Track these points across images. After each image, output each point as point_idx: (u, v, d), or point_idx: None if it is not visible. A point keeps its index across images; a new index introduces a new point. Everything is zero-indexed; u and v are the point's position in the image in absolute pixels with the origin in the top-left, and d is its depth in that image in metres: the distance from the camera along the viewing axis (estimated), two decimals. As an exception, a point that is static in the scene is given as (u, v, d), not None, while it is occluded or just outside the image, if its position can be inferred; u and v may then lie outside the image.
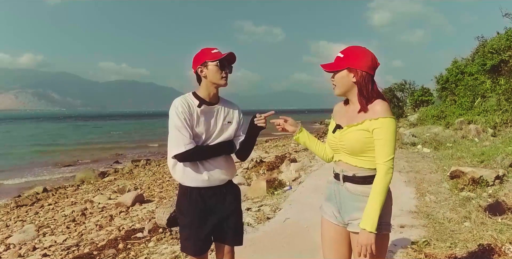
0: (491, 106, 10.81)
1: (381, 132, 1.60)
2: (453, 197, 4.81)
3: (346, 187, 1.74)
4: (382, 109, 1.63)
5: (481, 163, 6.28)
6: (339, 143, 1.74)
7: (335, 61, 1.72)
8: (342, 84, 1.71)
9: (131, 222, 5.64)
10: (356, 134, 1.66)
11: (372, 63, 1.69)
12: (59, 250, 4.60)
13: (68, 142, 26.31)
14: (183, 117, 1.95)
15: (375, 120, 1.62)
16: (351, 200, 1.71)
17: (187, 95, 2.06)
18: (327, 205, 1.85)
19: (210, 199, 2.03)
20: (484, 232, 3.46)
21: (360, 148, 1.67)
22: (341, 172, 1.75)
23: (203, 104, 2.02)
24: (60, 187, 10.20)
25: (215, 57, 1.99)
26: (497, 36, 14.06)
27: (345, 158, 1.74)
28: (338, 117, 1.82)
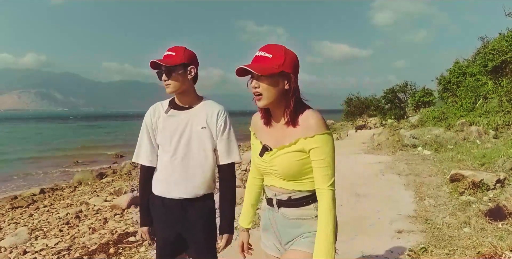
0: (493, 108, 10.68)
1: (320, 152, 1.36)
2: (452, 201, 4.71)
3: (282, 212, 1.50)
4: (317, 123, 1.37)
5: (482, 166, 6.17)
6: (269, 168, 1.48)
7: (263, 62, 1.37)
8: (273, 92, 1.39)
9: (125, 225, 5.55)
10: (290, 156, 1.41)
11: (298, 67, 1.44)
12: (49, 254, 4.51)
13: (68, 142, 26.29)
14: (145, 126, 1.95)
15: (310, 139, 1.36)
16: (291, 227, 1.49)
17: (164, 101, 2.00)
18: (265, 237, 1.62)
19: (171, 211, 1.89)
20: (484, 239, 3.36)
21: (296, 172, 1.43)
22: (274, 196, 1.51)
23: (170, 109, 1.92)
24: (57, 188, 10.11)
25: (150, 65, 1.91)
26: (498, 36, 13.95)
27: (279, 183, 1.48)
28: (263, 134, 1.53)
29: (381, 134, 12.51)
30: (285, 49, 1.41)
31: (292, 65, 1.40)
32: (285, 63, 1.38)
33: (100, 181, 10.90)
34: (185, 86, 1.88)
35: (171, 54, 1.85)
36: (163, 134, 1.91)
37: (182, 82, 1.86)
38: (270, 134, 1.50)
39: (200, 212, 1.92)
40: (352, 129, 21.23)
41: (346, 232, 3.77)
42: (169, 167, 1.88)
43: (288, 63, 1.38)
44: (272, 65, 1.36)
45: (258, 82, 1.39)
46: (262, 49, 1.40)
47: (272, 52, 1.38)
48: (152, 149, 1.93)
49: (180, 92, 1.89)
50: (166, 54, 1.86)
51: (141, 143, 1.95)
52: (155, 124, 1.93)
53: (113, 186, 9.30)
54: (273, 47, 1.40)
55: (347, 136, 16.48)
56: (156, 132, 1.93)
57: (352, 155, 9.29)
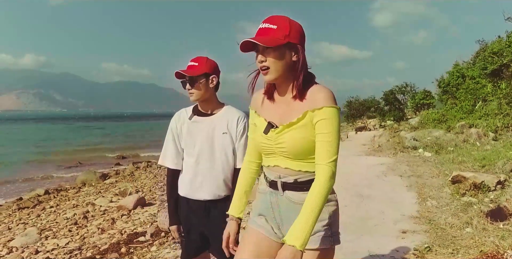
0: (492, 110, 10.83)
1: (326, 125, 1.28)
2: (454, 202, 4.83)
3: (288, 196, 1.41)
4: (326, 96, 1.30)
5: (482, 167, 6.29)
6: (275, 146, 1.38)
7: (268, 33, 1.30)
8: (281, 65, 1.32)
9: (133, 225, 5.65)
10: (299, 132, 1.33)
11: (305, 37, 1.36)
12: (61, 253, 4.61)
13: (69, 143, 26.36)
14: (170, 131, 2.07)
15: (318, 111, 1.29)
16: (296, 212, 1.33)
17: (188, 108, 2.11)
18: (260, 220, 1.50)
19: (194, 211, 2.02)
20: (486, 239, 3.48)
21: (304, 150, 1.34)
22: (278, 178, 1.42)
23: (194, 116, 2.04)
24: (61, 189, 10.23)
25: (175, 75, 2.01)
26: (497, 39, 14.11)
27: (284, 163, 1.39)
28: (266, 111, 1.45)
29: (382, 136, 12.64)
30: (289, 19, 1.34)
31: (299, 35, 1.33)
32: (291, 34, 1.30)
33: (104, 182, 11.02)
34: (207, 94, 1.98)
35: (194, 65, 1.96)
36: (187, 139, 2.02)
37: (205, 91, 1.97)
38: (274, 110, 1.42)
39: (222, 212, 1.99)
40: (352, 130, 21.37)
41: (352, 231, 3.88)
42: (193, 170, 2.00)
43: (294, 33, 1.31)
44: (278, 36, 1.29)
45: (264, 55, 1.32)
46: (266, 21, 1.33)
47: (277, 23, 1.31)
48: (177, 153, 2.05)
49: (203, 100, 2.00)
50: (190, 65, 1.97)
51: (167, 147, 2.07)
52: (179, 130, 2.05)
53: (118, 187, 9.41)
54: (277, 18, 1.33)
55: (348, 137, 16.60)
56: (181, 137, 2.04)
57: (354, 157, 9.41)
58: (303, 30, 1.36)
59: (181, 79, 1.99)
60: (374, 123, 24.13)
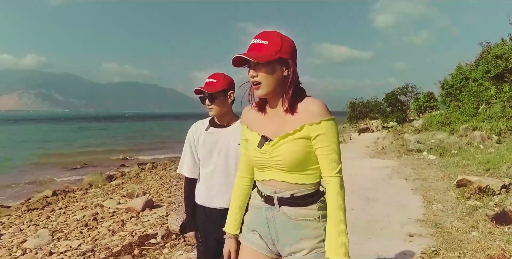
0: (495, 113, 10.90)
1: (327, 138, 1.31)
2: (460, 206, 4.91)
3: (284, 212, 1.39)
4: (321, 109, 1.32)
5: (486, 171, 6.37)
6: (270, 159, 1.38)
7: (260, 49, 1.32)
8: (272, 80, 1.34)
9: (143, 227, 5.75)
10: (295, 144, 1.33)
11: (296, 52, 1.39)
12: (75, 255, 4.72)
13: (72, 145, 26.50)
14: (188, 142, 2.16)
15: (316, 125, 1.31)
16: (293, 228, 1.37)
17: (205, 119, 2.20)
18: (253, 236, 1.50)
19: (211, 219, 2.09)
20: (492, 242, 3.56)
21: (301, 161, 1.35)
22: (274, 194, 1.40)
23: (210, 127, 2.13)
24: (68, 190, 10.33)
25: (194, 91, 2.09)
26: (501, 42, 14.17)
27: (280, 176, 1.38)
28: (258, 126, 1.45)
29: (385, 138, 12.72)
30: (281, 35, 1.36)
31: (290, 51, 1.35)
32: (282, 49, 1.33)
33: (110, 183, 11.13)
34: (225, 109, 2.08)
35: (212, 81, 2.05)
36: (204, 149, 2.11)
37: (223, 106, 2.06)
38: (267, 124, 1.42)
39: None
40: (355, 132, 21.44)
41: (359, 234, 3.97)
42: (210, 179, 2.09)
43: (285, 49, 1.34)
44: (269, 52, 1.31)
45: (255, 70, 1.34)
46: (258, 36, 1.35)
47: (268, 38, 1.33)
48: (194, 163, 2.15)
49: (221, 115, 2.09)
50: (208, 81, 2.06)
51: (185, 157, 2.18)
52: (196, 140, 2.14)
53: (125, 189, 9.51)
54: (269, 34, 1.35)
55: (351, 139, 16.67)
56: (198, 148, 2.14)
57: (359, 159, 9.49)
58: (295, 45, 1.39)
59: (199, 95, 2.08)
60: (376, 124, 24.22)
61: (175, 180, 10.34)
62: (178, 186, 9.38)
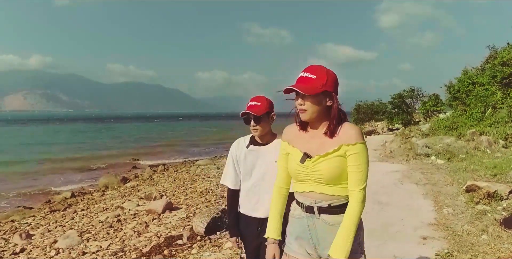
0: (502, 118, 11.12)
1: (359, 158, 1.56)
2: (469, 210, 5.17)
3: (324, 219, 1.63)
4: (357, 133, 1.58)
5: (494, 176, 6.62)
6: (311, 173, 1.62)
7: (308, 82, 1.57)
8: (316, 109, 1.59)
9: (166, 229, 6.05)
10: (334, 161, 1.57)
11: (338, 85, 1.63)
12: (107, 255, 5.02)
13: (82, 146, 26.88)
14: (230, 157, 2.41)
15: (352, 146, 1.56)
16: (332, 233, 1.60)
17: (246, 136, 2.42)
18: (297, 244, 1.72)
19: (251, 227, 2.33)
20: (501, 245, 3.83)
21: (338, 176, 1.58)
22: (314, 203, 1.64)
23: (250, 145, 2.34)
24: (86, 192, 10.68)
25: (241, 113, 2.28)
26: (508, 47, 14.37)
27: (319, 188, 1.62)
28: (300, 143, 1.69)
29: (393, 141, 12.97)
30: (326, 69, 1.60)
31: (333, 84, 1.59)
32: (327, 83, 1.57)
33: (125, 185, 11.46)
34: (267, 129, 2.30)
35: (257, 104, 2.25)
36: (245, 165, 2.35)
37: (266, 127, 2.28)
38: (308, 142, 1.65)
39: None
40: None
41: (376, 237, 4.25)
42: (251, 193, 2.34)
43: (330, 83, 1.58)
44: (316, 85, 1.55)
45: (303, 100, 1.59)
46: (306, 70, 1.59)
47: (315, 73, 1.57)
48: (236, 176, 2.40)
49: (263, 134, 2.31)
50: (253, 104, 2.26)
51: (227, 170, 2.43)
52: (238, 156, 2.38)
53: (141, 191, 9.83)
54: (316, 68, 1.59)
55: (358, 142, 16.93)
56: (239, 163, 2.37)
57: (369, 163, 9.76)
58: (337, 79, 1.63)
59: (244, 116, 2.28)
60: (381, 126, 24.45)
61: (189, 183, 10.65)
62: (193, 188, 9.69)
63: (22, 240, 6.01)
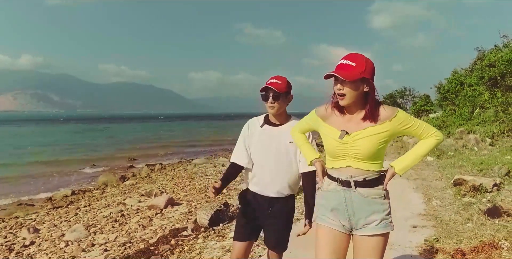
0: (489, 117, 11.56)
1: (409, 119, 1.74)
2: (456, 202, 5.53)
3: (360, 192, 1.77)
4: (392, 109, 1.75)
5: (480, 171, 7.00)
6: (350, 149, 1.75)
7: (348, 69, 1.67)
8: (354, 94, 1.70)
9: (170, 222, 6.32)
10: (372, 138, 1.71)
11: (375, 72, 1.74)
12: (115, 246, 5.27)
13: (76, 145, 26.89)
14: (242, 135, 2.42)
15: (394, 118, 1.72)
16: (367, 205, 1.76)
17: (260, 116, 2.43)
18: (332, 215, 1.85)
19: (259, 204, 2.37)
20: (484, 231, 4.18)
21: (375, 152, 1.72)
22: (350, 178, 1.77)
23: (265, 125, 2.35)
24: (86, 190, 10.87)
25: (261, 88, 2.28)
26: (495, 49, 14.89)
27: (355, 164, 1.76)
28: (336, 123, 1.82)
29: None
30: (365, 58, 1.70)
31: (371, 72, 1.70)
32: (366, 70, 1.68)
33: (124, 183, 11.66)
34: (283, 108, 2.33)
35: (278, 82, 2.26)
36: (257, 145, 2.35)
37: (283, 106, 2.31)
38: (344, 124, 1.78)
39: (283, 208, 2.40)
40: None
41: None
42: (263, 172, 2.36)
43: (368, 70, 1.69)
44: (355, 72, 1.66)
45: (342, 85, 1.70)
46: (346, 57, 1.70)
47: (355, 60, 1.68)
48: (245, 153, 2.40)
49: (279, 113, 2.33)
50: (274, 82, 2.26)
51: (238, 148, 2.44)
52: (251, 135, 2.39)
53: (141, 188, 10.06)
54: (355, 56, 1.70)
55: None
56: (250, 141, 2.38)
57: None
58: (374, 66, 1.74)
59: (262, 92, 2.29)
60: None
61: (188, 181, 10.90)
62: (192, 186, 9.94)
63: (30, 234, 6.22)
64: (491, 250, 3.60)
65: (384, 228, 1.79)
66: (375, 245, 1.77)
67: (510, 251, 3.54)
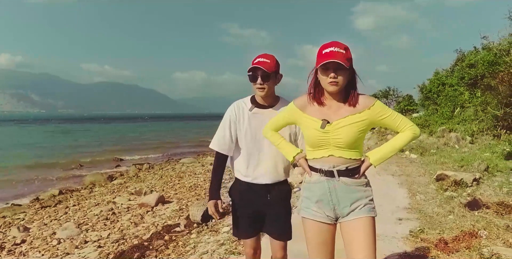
0: (469, 116, 12.01)
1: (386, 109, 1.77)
2: (439, 196, 5.80)
3: (343, 181, 1.79)
4: (369, 97, 1.78)
5: (461, 167, 7.32)
6: (331, 137, 1.75)
7: (342, 56, 1.67)
8: (345, 82, 1.72)
9: (162, 219, 6.39)
10: (353, 127, 1.73)
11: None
12: (108, 242, 5.32)
13: (59, 146, 26.47)
14: (228, 120, 2.22)
15: (373, 106, 1.75)
16: (351, 193, 1.79)
17: (245, 99, 2.25)
18: (316, 207, 1.85)
19: (257, 193, 2.23)
20: (465, 222, 4.43)
21: (356, 140, 1.74)
22: (333, 168, 1.78)
23: (254, 107, 2.17)
24: (74, 190, 10.78)
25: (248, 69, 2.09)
26: (474, 50, 15.42)
27: (337, 152, 1.76)
28: (315, 112, 1.82)
29: (370, 139, 13.69)
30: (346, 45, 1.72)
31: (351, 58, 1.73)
32: (351, 58, 1.72)
33: (112, 183, 11.62)
34: (273, 89, 2.16)
35: (267, 61, 2.08)
36: (248, 129, 2.17)
37: (272, 87, 2.15)
38: (325, 111, 1.79)
39: (281, 193, 2.28)
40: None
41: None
42: (256, 157, 2.21)
43: (351, 58, 1.72)
44: (348, 59, 1.69)
45: (336, 73, 1.69)
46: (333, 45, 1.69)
47: (343, 47, 1.69)
48: (231, 140, 2.23)
49: (268, 95, 2.16)
50: (262, 61, 2.07)
51: (220, 133, 2.24)
52: (238, 119, 2.19)
53: (132, 187, 10.06)
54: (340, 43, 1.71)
55: (337, 140, 17.69)
56: (239, 126, 2.20)
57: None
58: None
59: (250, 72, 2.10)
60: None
61: (177, 179, 10.95)
62: (181, 184, 10.01)
63: (20, 233, 6.20)
64: (472, 239, 3.84)
65: (368, 212, 1.83)
66: (362, 226, 1.78)
67: (489, 239, 3.78)
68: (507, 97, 8.59)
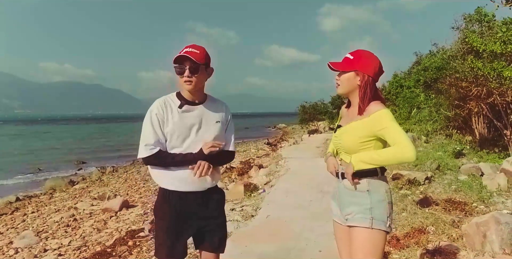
0: (424, 117, 12.69)
1: (381, 122, 1.66)
2: (394, 194, 6.14)
3: (344, 184, 1.84)
4: (375, 106, 1.72)
5: (415, 166, 7.77)
6: (338, 142, 1.85)
7: (345, 61, 1.77)
8: (347, 85, 1.78)
9: (126, 224, 6.32)
10: (353, 131, 1.75)
11: (379, 70, 1.77)
12: (70, 250, 5.22)
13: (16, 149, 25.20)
14: (155, 119, 1.89)
15: (373, 115, 1.69)
16: (348, 196, 1.81)
17: (170, 96, 1.97)
18: (332, 204, 1.96)
19: (190, 204, 1.93)
20: (416, 219, 4.73)
21: (354, 146, 1.74)
22: (341, 170, 1.85)
23: (184, 105, 1.92)
24: (32, 196, 10.37)
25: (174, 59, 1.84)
26: (429, 54, 16.30)
27: (344, 157, 1.84)
28: (342, 119, 1.93)
29: (334, 139, 14.14)
30: (367, 53, 1.76)
31: (367, 67, 1.74)
32: (359, 63, 1.74)
33: (74, 187, 11.29)
34: (202, 84, 1.93)
35: (196, 52, 1.83)
36: (178, 128, 1.89)
37: (202, 81, 1.92)
38: (346, 118, 1.88)
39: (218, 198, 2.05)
40: (305, 133, 22.95)
41: (320, 219, 4.98)
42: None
43: (363, 64, 1.74)
44: (349, 65, 1.75)
45: (339, 75, 1.81)
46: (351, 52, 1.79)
47: (355, 54, 1.77)
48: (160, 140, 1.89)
49: (197, 90, 1.92)
50: (191, 51, 1.83)
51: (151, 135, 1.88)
52: (166, 118, 1.89)
53: (95, 192, 9.83)
54: (358, 51, 1.78)
55: (302, 140, 18.05)
56: (167, 125, 1.89)
57: (312, 159, 10.69)
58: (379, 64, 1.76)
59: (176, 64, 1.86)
60: (323, 126, 26.07)
61: (142, 182, 10.81)
62: (146, 187, 9.90)
63: (-27, 243, 5.93)
64: (420, 235, 4.13)
65: (360, 221, 1.73)
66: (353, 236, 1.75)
67: (435, 234, 4.09)
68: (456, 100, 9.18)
